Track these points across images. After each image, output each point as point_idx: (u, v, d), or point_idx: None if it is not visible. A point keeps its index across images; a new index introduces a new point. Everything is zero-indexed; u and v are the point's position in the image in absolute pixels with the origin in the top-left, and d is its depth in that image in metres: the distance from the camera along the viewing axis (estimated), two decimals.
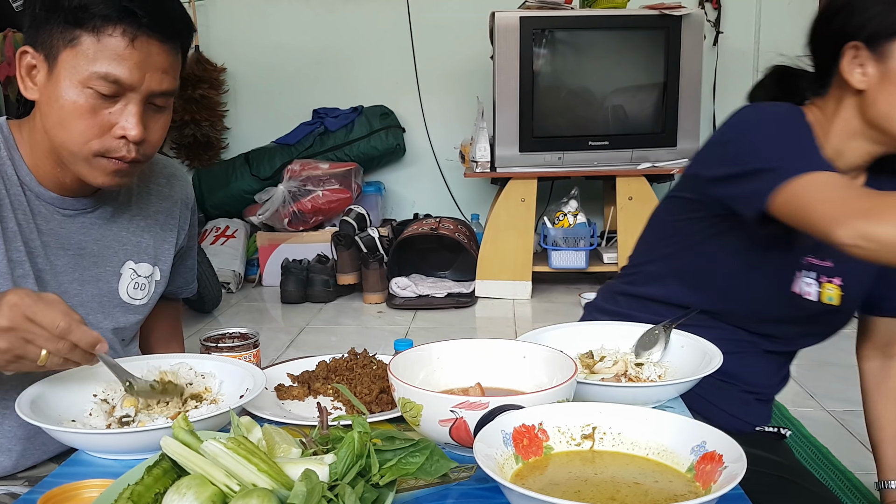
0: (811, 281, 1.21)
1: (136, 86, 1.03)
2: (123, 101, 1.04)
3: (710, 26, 4.25)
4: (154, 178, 1.28)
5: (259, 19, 4.43)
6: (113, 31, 1.01)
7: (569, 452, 0.82)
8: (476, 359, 1.01)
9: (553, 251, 3.79)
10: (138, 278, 1.24)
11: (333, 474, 0.72)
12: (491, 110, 3.74)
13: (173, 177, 1.31)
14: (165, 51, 1.05)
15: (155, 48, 1.03)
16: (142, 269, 1.25)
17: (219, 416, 0.91)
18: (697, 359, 1.07)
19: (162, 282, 1.28)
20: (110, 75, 1.01)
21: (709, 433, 0.78)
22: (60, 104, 1.03)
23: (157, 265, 1.27)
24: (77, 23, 1.01)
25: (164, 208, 1.28)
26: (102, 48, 1.01)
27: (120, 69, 1.01)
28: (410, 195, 4.57)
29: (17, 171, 1.12)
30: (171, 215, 1.29)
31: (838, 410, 2.42)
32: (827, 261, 1.21)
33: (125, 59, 1.01)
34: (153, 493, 0.69)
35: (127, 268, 1.23)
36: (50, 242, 1.15)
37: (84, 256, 1.18)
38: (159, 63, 1.04)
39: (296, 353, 3.04)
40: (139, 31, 1.01)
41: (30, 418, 0.90)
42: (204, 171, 4.31)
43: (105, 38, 1.01)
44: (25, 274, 1.11)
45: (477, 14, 4.04)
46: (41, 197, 1.13)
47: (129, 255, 1.23)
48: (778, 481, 1.19)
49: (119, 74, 1.01)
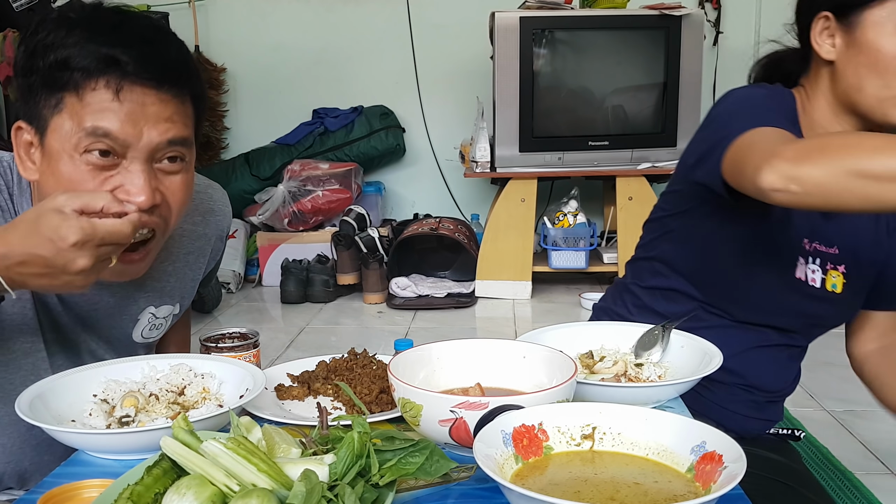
0: (816, 268, 1.19)
1: (133, 142, 0.91)
2: (125, 163, 0.92)
3: (710, 26, 4.25)
4: (188, 217, 1.15)
5: (259, 19, 4.43)
6: (95, 84, 0.89)
7: (569, 452, 0.82)
8: (476, 359, 1.01)
9: (553, 251, 3.79)
10: (156, 321, 1.17)
11: (333, 474, 0.72)
12: (491, 110, 3.74)
13: (210, 213, 1.20)
14: (162, 99, 0.92)
15: (150, 98, 0.91)
16: (162, 311, 1.17)
17: (219, 416, 0.91)
18: (697, 359, 1.07)
19: (180, 314, 1.21)
20: (99, 128, 0.89)
21: (709, 433, 0.78)
22: (57, 180, 0.91)
23: (181, 302, 1.20)
24: (57, 85, 0.90)
25: (196, 248, 1.18)
26: (86, 105, 0.90)
27: (107, 120, 0.89)
28: (410, 195, 4.57)
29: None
30: (202, 254, 1.20)
31: (838, 410, 2.42)
32: (833, 247, 1.20)
33: (114, 112, 0.90)
34: (153, 493, 0.69)
35: (146, 313, 1.15)
36: (64, 296, 1.07)
37: (98, 310, 1.11)
38: (156, 113, 0.92)
39: (296, 353, 3.04)
40: (124, 80, 0.90)
41: (30, 418, 0.90)
42: (204, 172, 4.29)
43: (87, 95, 0.90)
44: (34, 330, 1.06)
45: (477, 14, 4.04)
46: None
47: (150, 301, 1.14)
48: (781, 487, 1.19)
49: (109, 127, 0.89)
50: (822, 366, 2.81)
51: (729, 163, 1.03)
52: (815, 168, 0.88)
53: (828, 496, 1.24)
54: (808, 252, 1.19)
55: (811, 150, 0.91)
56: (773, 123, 1.03)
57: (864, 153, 0.88)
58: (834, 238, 1.19)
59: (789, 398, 1.39)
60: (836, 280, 1.20)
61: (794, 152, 0.91)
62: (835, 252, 1.20)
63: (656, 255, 1.33)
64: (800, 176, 0.89)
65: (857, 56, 1.10)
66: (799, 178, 0.89)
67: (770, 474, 1.21)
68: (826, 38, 1.13)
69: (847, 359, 1.43)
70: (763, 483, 1.17)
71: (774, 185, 0.91)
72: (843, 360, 1.43)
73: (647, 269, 1.35)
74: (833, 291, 1.21)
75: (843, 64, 1.12)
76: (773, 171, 0.91)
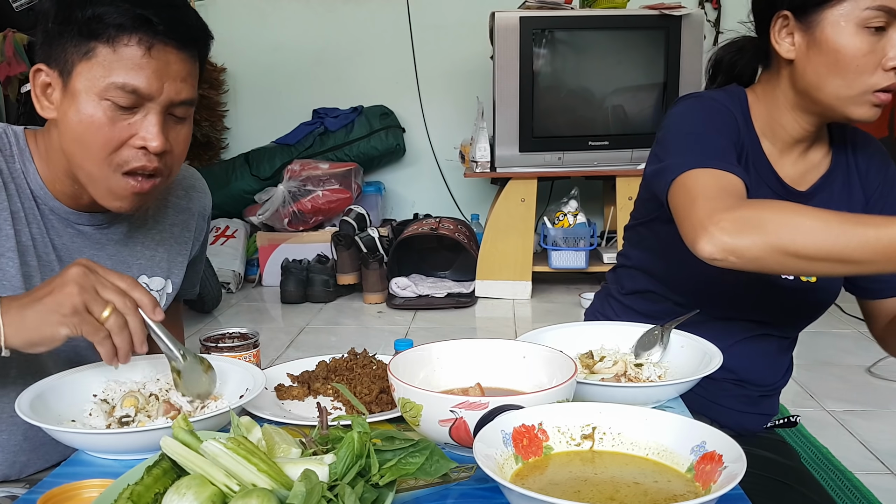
0: None
1: (155, 96, 1.01)
2: (142, 111, 1.02)
3: (710, 26, 4.25)
4: (173, 191, 1.26)
5: (259, 19, 4.43)
6: (129, 40, 0.99)
7: (569, 452, 0.82)
8: (476, 359, 1.01)
9: (553, 251, 3.79)
10: (150, 292, 1.21)
11: (333, 474, 0.72)
12: (491, 110, 3.74)
13: (192, 188, 1.29)
14: (183, 59, 1.03)
15: (172, 56, 1.02)
16: (154, 282, 1.22)
17: (219, 416, 0.91)
18: (697, 359, 1.07)
19: (173, 293, 1.26)
20: (128, 85, 0.99)
21: (709, 433, 0.78)
22: (79, 119, 1.01)
23: (170, 278, 1.25)
24: (91, 34, 0.99)
25: (181, 221, 1.26)
26: (119, 58, 0.99)
27: (138, 79, 0.99)
28: (410, 195, 4.57)
29: (31, 184, 1.10)
30: (187, 228, 1.27)
31: (838, 410, 2.42)
32: None
33: (143, 69, 0.99)
34: (153, 493, 0.70)
35: (140, 281, 1.19)
36: (63, 257, 1.12)
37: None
38: (177, 71, 1.02)
39: (296, 353, 3.04)
40: (155, 39, 1.00)
41: (30, 418, 0.90)
42: (204, 171, 4.26)
43: (121, 48, 0.99)
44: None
45: (477, 14, 4.04)
46: (55, 211, 1.11)
47: (142, 269, 1.21)
48: (781, 487, 1.19)
49: (137, 84, 0.99)
50: (822, 366, 2.82)
51: (671, 203, 1.09)
52: (752, 245, 0.96)
53: (828, 496, 1.24)
54: None
55: (748, 223, 0.96)
56: (714, 157, 1.08)
57: (799, 234, 0.94)
58: None
59: (790, 398, 1.39)
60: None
61: (732, 224, 0.97)
62: None
63: (634, 264, 1.36)
64: (738, 250, 0.96)
65: (817, 56, 1.11)
66: (737, 251, 0.96)
67: (770, 474, 1.21)
68: (785, 37, 1.14)
69: (847, 358, 1.43)
70: (763, 483, 1.17)
71: (714, 256, 0.98)
72: (843, 360, 1.43)
73: (626, 276, 1.38)
74: (808, 281, 1.22)
75: (802, 63, 1.13)
76: (712, 242, 0.97)
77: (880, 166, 1.26)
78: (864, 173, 1.25)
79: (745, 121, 1.20)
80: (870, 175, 1.25)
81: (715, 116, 1.17)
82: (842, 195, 1.23)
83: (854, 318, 3.35)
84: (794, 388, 2.61)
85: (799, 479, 1.23)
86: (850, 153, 1.25)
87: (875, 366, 2.72)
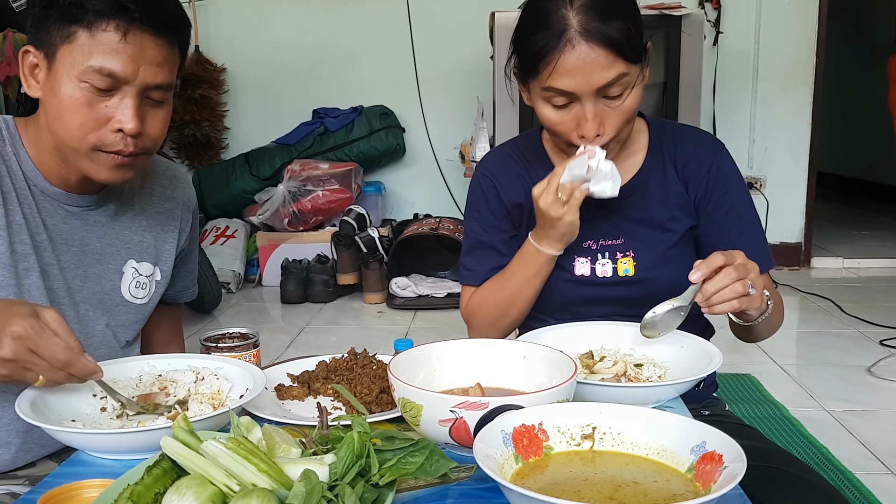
0: (606, 261, 1.30)
1: (131, 79, 1.05)
2: (119, 94, 1.06)
3: (710, 26, 4.24)
4: (157, 179, 1.30)
5: (259, 19, 4.43)
6: (107, 25, 1.03)
7: (569, 452, 0.82)
8: (476, 359, 1.01)
9: None
10: (140, 277, 1.26)
11: (333, 474, 0.72)
12: (491, 110, 3.74)
13: (175, 179, 1.34)
14: (159, 45, 1.07)
15: (149, 42, 1.06)
16: (143, 268, 1.26)
17: (219, 416, 0.91)
18: (697, 359, 1.07)
19: (163, 282, 1.29)
20: (104, 69, 1.03)
21: (709, 433, 0.78)
22: (59, 99, 1.05)
23: (158, 265, 1.28)
24: (72, 19, 1.03)
25: (166, 209, 1.30)
26: (96, 43, 1.03)
27: (114, 62, 1.03)
28: (410, 195, 4.57)
29: (23, 166, 1.14)
30: (173, 216, 1.31)
31: (838, 410, 2.42)
32: (618, 238, 1.30)
33: (119, 53, 1.04)
34: (153, 493, 0.70)
35: (129, 266, 1.24)
36: (55, 237, 1.16)
37: (87, 253, 1.20)
38: (153, 57, 1.06)
39: (296, 353, 3.04)
40: (132, 25, 1.04)
41: (30, 418, 0.91)
42: (204, 171, 4.31)
43: (99, 33, 1.03)
44: (30, 267, 1.13)
45: (477, 14, 4.03)
46: (46, 193, 1.15)
47: (130, 253, 1.25)
48: (768, 471, 1.18)
49: (113, 68, 1.04)
50: (822, 366, 2.82)
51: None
52: (477, 328, 1.35)
53: (806, 467, 1.24)
54: (595, 250, 1.30)
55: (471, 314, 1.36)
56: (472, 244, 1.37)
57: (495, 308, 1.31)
58: (616, 230, 1.30)
59: (790, 398, 1.39)
60: (627, 265, 1.30)
61: (465, 314, 1.37)
62: (621, 242, 1.30)
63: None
64: (472, 327, 1.36)
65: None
66: (473, 328, 1.36)
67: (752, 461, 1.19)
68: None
69: (847, 358, 1.43)
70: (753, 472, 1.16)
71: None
72: (843, 361, 1.43)
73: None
74: (626, 276, 1.29)
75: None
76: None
77: (704, 157, 1.32)
78: (681, 166, 1.32)
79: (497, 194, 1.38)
80: (689, 166, 1.31)
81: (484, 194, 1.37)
82: (658, 187, 1.31)
83: (854, 319, 3.35)
84: (794, 388, 2.61)
85: (783, 461, 1.22)
86: (666, 150, 1.32)
87: (875, 366, 2.72)
